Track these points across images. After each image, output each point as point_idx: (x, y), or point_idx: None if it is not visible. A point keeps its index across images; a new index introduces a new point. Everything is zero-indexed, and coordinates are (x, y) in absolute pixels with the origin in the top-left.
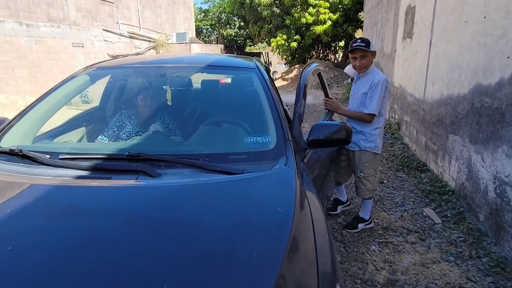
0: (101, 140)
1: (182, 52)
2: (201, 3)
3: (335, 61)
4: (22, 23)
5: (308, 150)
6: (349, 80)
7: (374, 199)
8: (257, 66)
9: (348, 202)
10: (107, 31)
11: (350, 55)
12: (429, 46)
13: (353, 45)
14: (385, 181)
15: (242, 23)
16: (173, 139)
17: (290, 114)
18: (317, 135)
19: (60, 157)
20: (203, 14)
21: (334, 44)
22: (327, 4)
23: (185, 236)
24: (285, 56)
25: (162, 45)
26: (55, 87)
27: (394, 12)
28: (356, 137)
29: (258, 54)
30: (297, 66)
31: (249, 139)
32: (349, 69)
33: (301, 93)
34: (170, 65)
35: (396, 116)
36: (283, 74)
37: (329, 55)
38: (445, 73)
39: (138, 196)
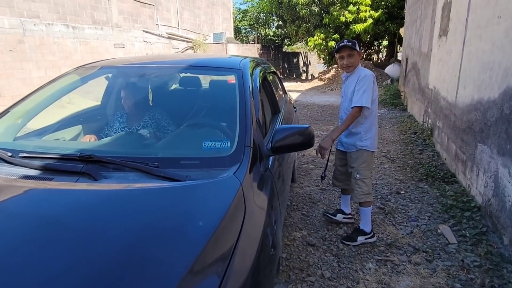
0: (84, 138)
1: (218, 52)
2: (240, 4)
3: (378, 61)
4: (69, 25)
5: (271, 156)
6: (389, 81)
7: (385, 211)
8: (242, 68)
9: (350, 216)
10: (146, 32)
11: (337, 55)
12: (463, 45)
13: (340, 44)
14: (402, 192)
15: (280, 23)
16: (141, 141)
17: (295, 114)
18: (280, 141)
19: (20, 155)
20: (241, 14)
21: (376, 43)
22: (369, 1)
23: (84, 246)
24: (323, 56)
25: (200, 45)
26: (43, 85)
27: (432, 7)
28: (352, 139)
29: (296, 54)
30: (335, 66)
31: (207, 144)
32: (389, 70)
33: (256, 97)
34: (154, 66)
35: (430, 120)
36: (320, 74)
37: (372, 54)
38: (477, 74)
39: (64, 200)
